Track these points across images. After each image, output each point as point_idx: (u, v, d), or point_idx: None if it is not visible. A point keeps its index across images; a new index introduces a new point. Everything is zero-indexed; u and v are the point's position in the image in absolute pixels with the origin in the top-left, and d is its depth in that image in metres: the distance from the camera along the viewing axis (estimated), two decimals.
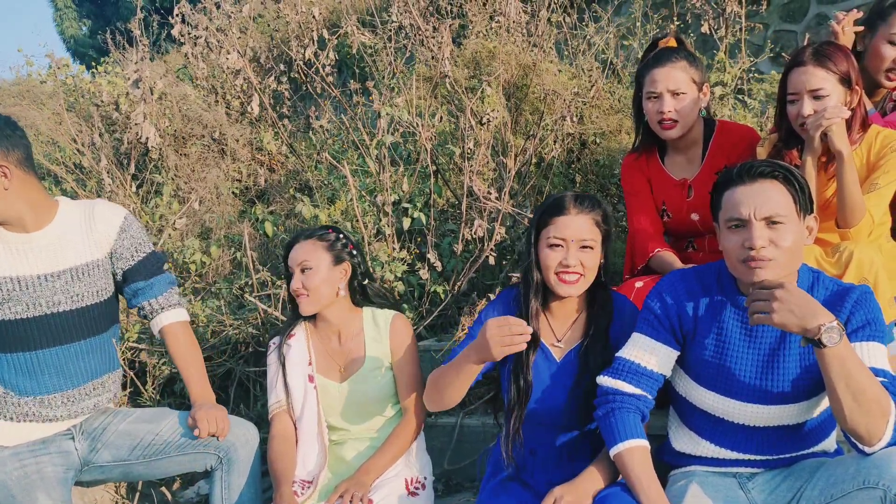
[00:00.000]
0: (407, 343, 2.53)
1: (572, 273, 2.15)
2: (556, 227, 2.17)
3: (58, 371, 2.38)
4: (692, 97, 2.66)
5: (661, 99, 2.65)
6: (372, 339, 2.53)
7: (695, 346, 2.03)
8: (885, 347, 1.89)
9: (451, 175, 4.11)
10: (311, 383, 2.51)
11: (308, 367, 2.52)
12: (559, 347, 2.25)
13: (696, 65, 2.69)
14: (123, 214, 2.50)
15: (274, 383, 2.54)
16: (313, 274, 2.47)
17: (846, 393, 1.72)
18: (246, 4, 5.55)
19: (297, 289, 2.47)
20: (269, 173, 5.18)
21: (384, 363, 2.52)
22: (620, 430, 1.97)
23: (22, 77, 7.31)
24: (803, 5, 5.62)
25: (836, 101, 2.38)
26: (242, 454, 2.41)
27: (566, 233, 2.15)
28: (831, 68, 2.38)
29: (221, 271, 4.27)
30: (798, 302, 1.73)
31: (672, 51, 2.71)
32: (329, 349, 2.55)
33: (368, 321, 2.57)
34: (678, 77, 2.64)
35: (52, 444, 2.39)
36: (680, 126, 2.67)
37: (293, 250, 2.53)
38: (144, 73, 4.83)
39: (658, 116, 2.67)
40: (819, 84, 2.38)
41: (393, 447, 2.44)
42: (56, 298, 2.35)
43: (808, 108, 2.39)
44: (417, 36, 4.74)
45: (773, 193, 1.87)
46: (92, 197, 4.76)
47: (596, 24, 4.65)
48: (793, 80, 2.43)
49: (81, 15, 21.58)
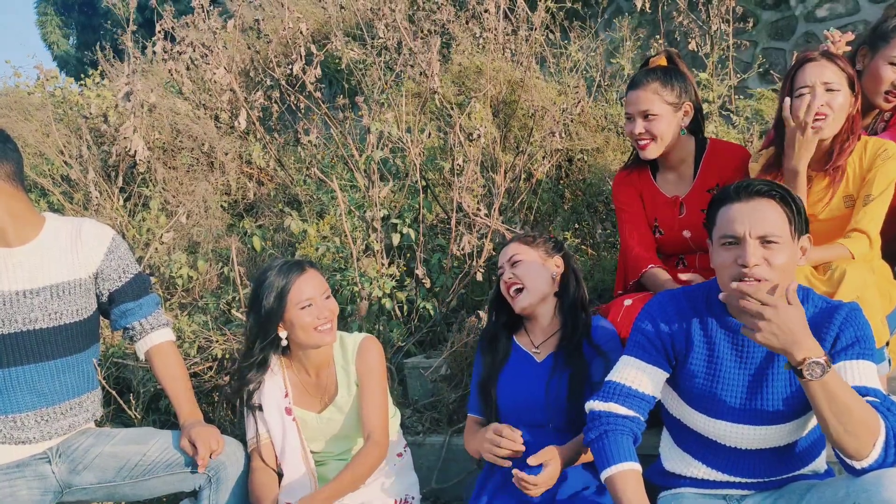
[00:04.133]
0: (372, 366, 2.44)
1: (513, 284, 2.44)
2: (502, 254, 2.54)
3: (31, 389, 2.33)
4: (666, 118, 2.70)
5: (634, 121, 2.72)
6: (341, 367, 2.48)
7: (686, 368, 2.02)
8: (876, 365, 1.88)
9: (440, 191, 4.11)
10: (290, 416, 2.45)
11: (284, 400, 2.47)
12: (538, 352, 2.46)
13: (670, 85, 2.71)
14: (111, 235, 2.47)
15: (248, 422, 2.50)
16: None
17: (831, 416, 1.71)
18: (231, 19, 5.53)
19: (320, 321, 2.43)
20: (258, 187, 5.16)
21: (355, 389, 2.46)
22: (613, 452, 1.95)
23: (10, 88, 7.26)
24: (791, 23, 5.67)
25: (844, 99, 2.46)
26: (231, 473, 2.37)
27: (502, 260, 2.51)
28: (842, 66, 2.48)
29: (209, 286, 4.23)
30: (785, 327, 1.71)
31: (648, 73, 2.75)
32: (304, 381, 2.50)
33: (337, 350, 2.50)
34: (648, 99, 2.69)
35: (27, 467, 2.34)
36: (656, 146, 2.72)
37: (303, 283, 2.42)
38: (136, 87, 4.80)
39: (632, 137, 2.76)
40: (833, 77, 2.45)
41: (347, 475, 2.32)
42: (33, 315, 2.31)
43: (821, 99, 2.44)
44: (409, 53, 4.74)
45: (768, 213, 1.86)
46: (79, 209, 4.73)
47: (581, 41, 4.66)
48: (806, 73, 2.49)
49: (68, 25, 21.52)
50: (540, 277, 2.45)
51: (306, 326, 2.35)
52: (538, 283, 2.44)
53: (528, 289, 2.43)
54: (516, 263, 2.46)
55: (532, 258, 2.46)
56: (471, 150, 3.82)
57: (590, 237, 4.03)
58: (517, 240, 2.54)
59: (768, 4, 5.77)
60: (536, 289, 2.44)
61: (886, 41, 2.82)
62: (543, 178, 4.08)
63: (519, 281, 2.43)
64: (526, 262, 2.45)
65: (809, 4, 5.59)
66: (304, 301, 2.35)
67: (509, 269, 2.47)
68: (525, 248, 2.49)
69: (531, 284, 2.43)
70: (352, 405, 2.46)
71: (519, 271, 2.44)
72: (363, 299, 3.43)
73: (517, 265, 2.45)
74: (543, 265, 2.47)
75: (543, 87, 4.40)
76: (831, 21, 5.41)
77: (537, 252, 2.48)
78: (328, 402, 2.47)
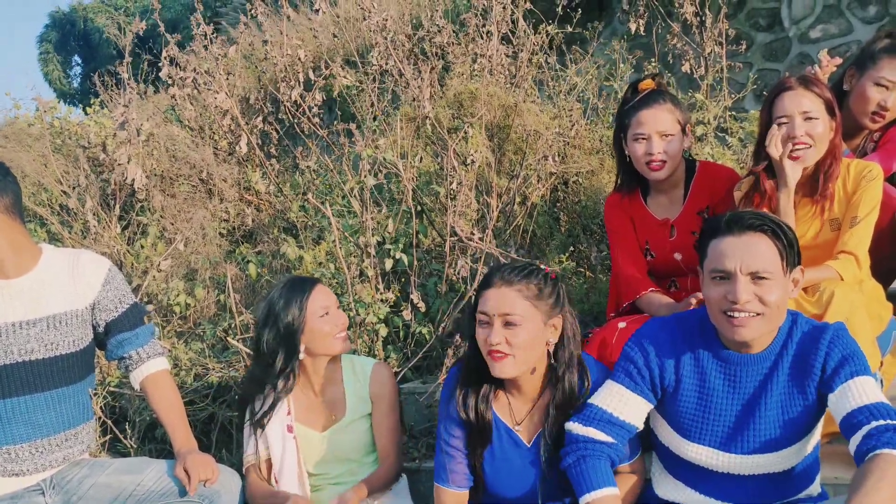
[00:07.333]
0: (387, 391, 2.52)
1: (496, 354, 1.99)
2: (482, 301, 2.04)
3: (26, 421, 2.33)
4: (678, 138, 2.69)
5: (650, 140, 2.66)
6: (352, 390, 2.51)
7: (677, 398, 2.01)
8: (875, 380, 1.86)
9: (435, 215, 4.12)
10: (290, 433, 2.48)
11: (287, 417, 2.49)
12: (524, 430, 2.15)
13: (679, 106, 2.72)
14: (108, 266, 2.49)
15: (248, 439, 2.52)
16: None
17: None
18: (232, 45, 5.59)
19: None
20: (256, 213, 5.18)
21: (365, 413, 2.50)
22: (592, 478, 1.94)
23: (10, 119, 7.33)
24: (785, 45, 5.72)
25: (823, 127, 2.43)
26: (225, 501, 2.35)
27: (487, 306, 2.01)
28: (819, 93, 2.45)
29: (206, 313, 4.23)
30: None
31: (658, 93, 2.74)
32: (309, 399, 2.53)
33: (348, 370, 2.55)
34: (666, 118, 2.66)
35: (21, 499, 2.33)
36: (668, 167, 2.69)
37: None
38: (131, 116, 4.84)
39: (646, 158, 2.67)
40: (810, 106, 2.43)
41: (364, 486, 2.40)
42: (29, 346, 2.32)
43: (800, 129, 2.42)
44: (401, 78, 4.78)
45: (760, 248, 1.83)
46: (77, 238, 4.75)
47: (579, 64, 4.70)
48: (783, 103, 2.47)
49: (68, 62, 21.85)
50: (534, 348, 2.03)
51: (326, 335, 2.44)
52: (529, 354, 2.03)
53: (518, 360, 2.01)
54: (511, 326, 1.99)
55: (534, 322, 2.01)
56: (465, 174, 3.84)
57: (586, 260, 4.03)
58: (518, 283, 2.02)
59: (762, 26, 5.82)
60: (526, 361, 2.03)
61: (874, 62, 2.84)
62: (539, 201, 4.09)
63: (510, 352, 1.99)
64: (524, 329, 1.99)
65: (803, 26, 5.64)
66: (321, 310, 2.45)
67: (500, 330, 1.99)
68: (527, 304, 2.00)
69: (522, 356, 2.01)
70: (356, 428, 2.49)
71: (513, 338, 1.98)
72: (357, 326, 3.43)
73: (512, 328, 1.99)
74: (543, 331, 2.04)
75: (538, 111, 4.43)
76: (825, 42, 5.45)
77: (540, 313, 2.02)
78: (333, 422, 2.50)
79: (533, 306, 2.01)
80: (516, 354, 2.00)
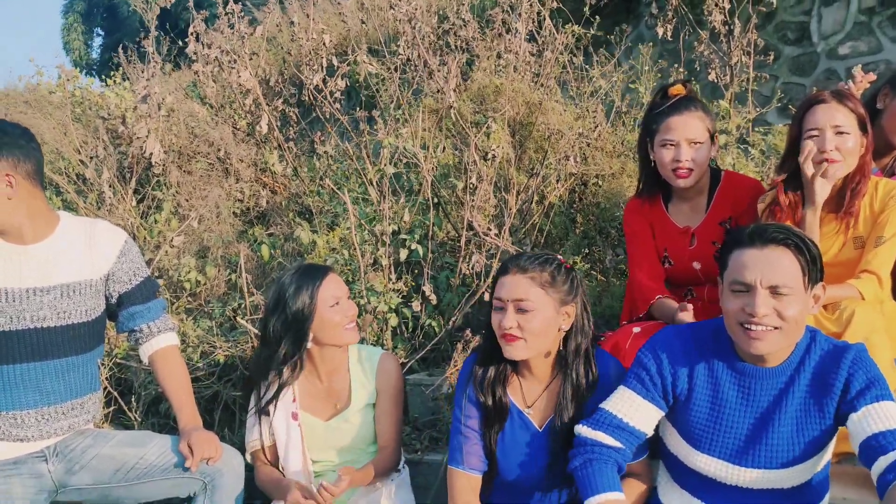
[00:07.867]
0: (393, 383, 2.50)
1: (509, 336, 2.07)
2: (498, 287, 2.13)
3: (35, 388, 2.33)
4: (707, 146, 2.66)
5: (679, 147, 2.63)
6: (357, 380, 2.50)
7: (689, 407, 1.99)
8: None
9: (452, 208, 4.10)
10: (295, 421, 2.47)
11: (292, 405, 2.48)
12: (535, 413, 2.19)
13: (710, 114, 2.69)
14: (124, 238, 2.49)
15: (252, 426, 2.52)
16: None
17: None
18: (259, 26, 5.58)
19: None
20: (271, 195, 5.17)
21: (370, 403, 2.49)
22: (598, 482, 1.93)
23: (32, 86, 7.34)
24: (812, 59, 5.67)
25: (854, 143, 2.40)
26: (227, 481, 2.36)
27: (502, 292, 2.10)
28: (852, 108, 2.42)
29: (216, 291, 4.23)
30: None
31: (689, 99, 2.70)
32: (314, 388, 2.52)
33: (354, 360, 2.53)
34: (696, 126, 2.63)
35: (23, 465, 2.34)
36: (694, 175, 2.66)
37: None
38: (154, 90, 4.83)
39: (674, 165, 2.65)
40: (842, 120, 2.40)
41: (362, 472, 2.38)
42: (42, 313, 2.32)
43: (830, 143, 2.39)
44: (425, 68, 4.76)
45: (783, 262, 1.81)
46: (92, 209, 4.75)
47: (604, 67, 4.67)
48: (815, 116, 2.44)
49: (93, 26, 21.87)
50: (546, 334, 2.09)
51: (336, 325, 2.42)
52: (542, 339, 2.09)
53: (529, 344, 2.08)
54: (524, 311, 2.06)
55: (546, 309, 2.07)
56: (485, 169, 3.82)
57: (600, 262, 4.01)
58: (532, 270, 2.09)
59: (790, 40, 5.77)
60: (539, 346, 2.10)
61: None
62: (557, 200, 4.06)
63: (521, 335, 2.07)
64: (537, 314, 2.06)
65: (832, 42, 5.59)
66: (332, 300, 2.43)
67: (513, 315, 2.06)
68: (540, 292, 2.07)
69: (534, 341, 2.08)
70: (361, 418, 2.47)
71: (526, 323, 2.06)
72: (368, 313, 3.42)
73: (525, 314, 2.06)
74: (555, 317, 2.10)
75: (562, 110, 4.40)
76: (853, 59, 5.40)
77: (552, 300, 2.08)
78: (338, 411, 2.49)
79: (545, 293, 2.08)
80: (528, 339, 2.07)
